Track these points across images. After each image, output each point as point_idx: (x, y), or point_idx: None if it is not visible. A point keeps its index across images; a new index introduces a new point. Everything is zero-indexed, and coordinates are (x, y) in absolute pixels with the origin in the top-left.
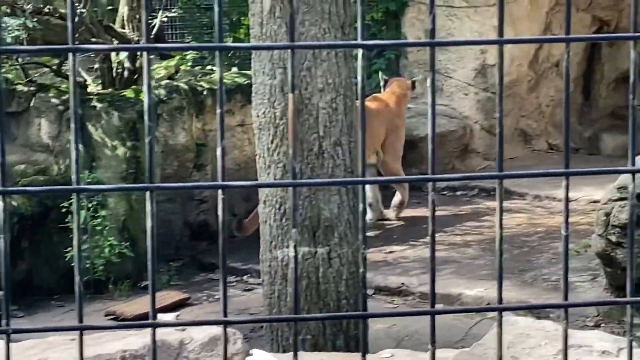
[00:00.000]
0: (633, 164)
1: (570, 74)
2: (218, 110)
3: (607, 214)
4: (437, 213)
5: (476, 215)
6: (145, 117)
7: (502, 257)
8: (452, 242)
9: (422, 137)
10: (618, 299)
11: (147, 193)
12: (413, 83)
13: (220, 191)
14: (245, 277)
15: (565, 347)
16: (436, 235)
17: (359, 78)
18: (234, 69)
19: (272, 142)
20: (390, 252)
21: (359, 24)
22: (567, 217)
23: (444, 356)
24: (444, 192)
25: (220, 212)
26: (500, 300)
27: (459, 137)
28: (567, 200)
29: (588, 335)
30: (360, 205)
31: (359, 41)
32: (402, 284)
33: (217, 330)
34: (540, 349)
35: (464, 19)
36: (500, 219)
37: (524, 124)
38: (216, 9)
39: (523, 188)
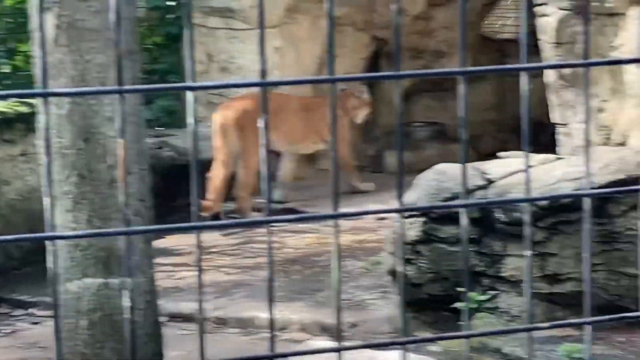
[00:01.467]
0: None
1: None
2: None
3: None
4: (226, 237)
5: (264, 235)
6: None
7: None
8: (244, 265)
9: (208, 160)
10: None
11: None
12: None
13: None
14: (33, 310)
15: None
16: (227, 258)
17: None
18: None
19: (61, 173)
20: (181, 278)
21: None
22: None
23: None
24: (233, 215)
25: None
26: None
27: None
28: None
29: (390, 355)
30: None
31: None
32: (195, 309)
33: None
34: None
35: (246, 42)
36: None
37: None
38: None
39: (311, 208)
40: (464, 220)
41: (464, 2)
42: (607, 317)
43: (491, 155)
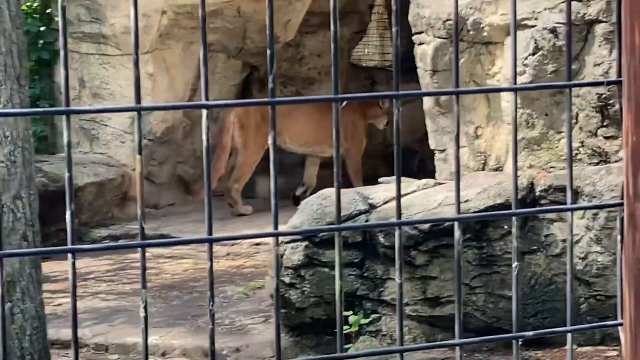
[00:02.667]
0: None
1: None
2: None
3: (281, 256)
4: (101, 263)
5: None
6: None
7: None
8: (122, 291)
9: (81, 186)
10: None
11: None
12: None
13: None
14: None
15: None
16: (103, 284)
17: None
18: None
19: None
20: (59, 304)
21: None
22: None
23: None
24: (106, 241)
25: None
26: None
27: (117, 185)
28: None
29: None
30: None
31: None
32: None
33: None
34: None
35: (119, 67)
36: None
37: (181, 169)
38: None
39: (186, 233)
40: (338, 244)
41: (336, 28)
42: (477, 338)
43: (362, 181)
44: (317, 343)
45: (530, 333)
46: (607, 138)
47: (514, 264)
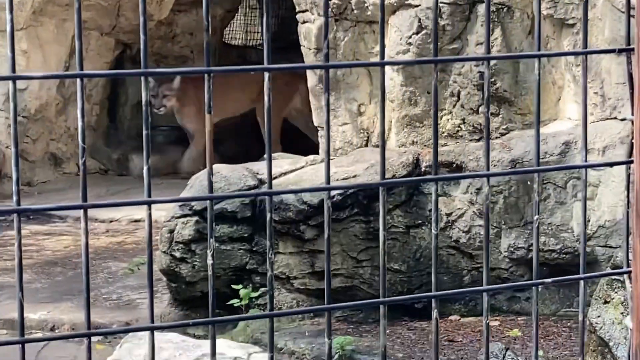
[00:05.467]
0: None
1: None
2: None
3: (171, 231)
4: None
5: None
6: (80, 139)
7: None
8: (4, 268)
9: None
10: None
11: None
12: None
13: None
14: None
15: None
16: None
17: (266, 100)
18: None
19: None
20: None
21: (265, 49)
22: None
23: None
24: None
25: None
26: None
27: None
28: (436, 205)
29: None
30: None
31: (265, 65)
32: None
33: None
34: (175, 359)
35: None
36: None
37: (54, 147)
38: None
39: (65, 211)
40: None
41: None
42: (455, 293)
43: (233, 159)
44: (206, 316)
45: (549, 280)
46: None
47: (535, 217)
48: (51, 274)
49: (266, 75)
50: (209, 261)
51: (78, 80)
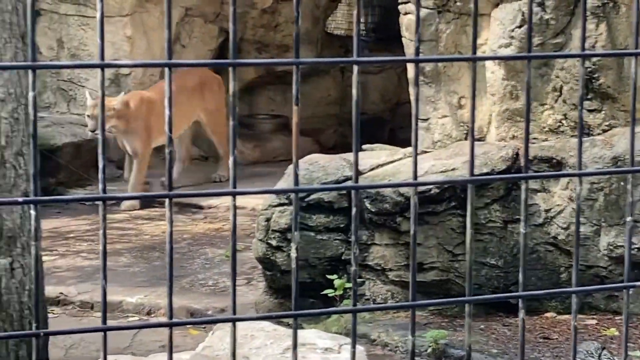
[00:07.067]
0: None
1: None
2: (231, 122)
3: (268, 219)
4: (79, 223)
5: (119, 222)
6: (166, 128)
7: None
8: (109, 250)
9: (59, 146)
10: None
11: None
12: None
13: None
14: None
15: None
16: (84, 244)
17: (354, 92)
18: None
19: None
20: (43, 261)
21: (355, 41)
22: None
23: (177, 359)
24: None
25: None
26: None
27: (95, 146)
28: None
29: (306, 333)
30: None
31: (355, 58)
32: (61, 293)
33: None
34: (267, 348)
35: (97, 29)
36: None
37: None
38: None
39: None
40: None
41: None
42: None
43: (332, 149)
44: (301, 306)
45: (639, 283)
46: (590, 111)
47: (628, 219)
48: (149, 258)
49: (355, 67)
50: (293, 254)
51: (166, 69)
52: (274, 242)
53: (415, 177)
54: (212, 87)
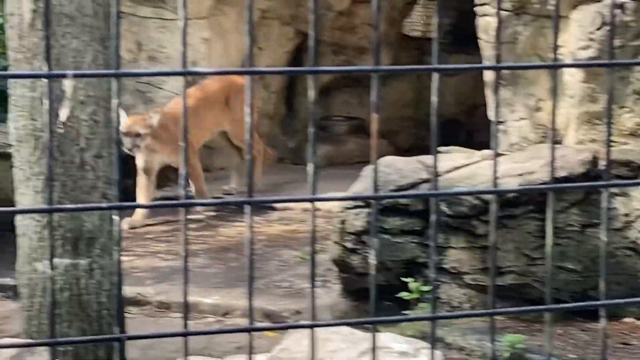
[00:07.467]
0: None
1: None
2: (311, 129)
3: (343, 222)
4: (156, 223)
5: (196, 223)
6: (247, 135)
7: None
8: (180, 252)
9: None
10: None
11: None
12: None
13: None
14: None
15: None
16: (162, 245)
17: (433, 99)
18: None
19: (33, 154)
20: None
21: (434, 48)
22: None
23: None
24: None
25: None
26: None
27: None
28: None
29: (382, 337)
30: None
31: (435, 65)
32: (138, 294)
33: None
34: (342, 352)
35: (175, 31)
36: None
37: None
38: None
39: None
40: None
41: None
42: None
43: (408, 151)
44: (376, 309)
45: None
46: None
47: None
48: (225, 259)
49: (435, 75)
50: (371, 261)
51: (247, 77)
52: (349, 245)
53: (495, 184)
54: (238, 94)
